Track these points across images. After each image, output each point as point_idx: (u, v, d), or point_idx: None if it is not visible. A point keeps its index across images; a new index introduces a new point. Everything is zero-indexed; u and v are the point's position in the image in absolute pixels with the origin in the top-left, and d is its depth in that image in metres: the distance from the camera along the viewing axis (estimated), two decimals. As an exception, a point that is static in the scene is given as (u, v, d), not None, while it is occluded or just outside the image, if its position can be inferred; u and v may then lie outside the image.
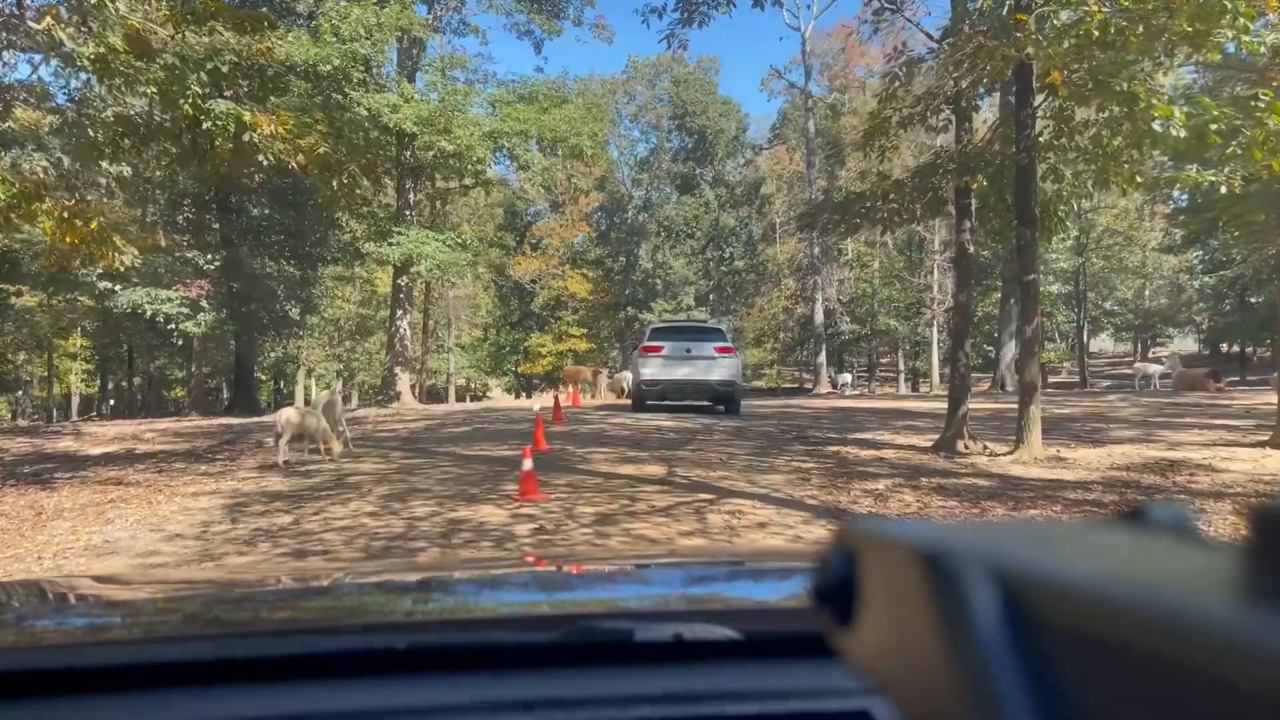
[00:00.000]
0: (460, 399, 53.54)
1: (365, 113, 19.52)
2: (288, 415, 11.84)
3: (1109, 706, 0.31)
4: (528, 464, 7.91)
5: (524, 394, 55.18)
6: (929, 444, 11.72)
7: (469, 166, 23.66)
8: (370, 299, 44.92)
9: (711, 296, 52.37)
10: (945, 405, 20.59)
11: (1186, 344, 62.67)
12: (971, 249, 10.91)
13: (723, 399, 17.06)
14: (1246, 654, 0.25)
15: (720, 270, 52.12)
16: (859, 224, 10.95)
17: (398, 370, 23.29)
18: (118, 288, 22.44)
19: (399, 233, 21.29)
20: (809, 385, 50.92)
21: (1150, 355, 55.81)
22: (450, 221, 29.91)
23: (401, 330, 23.52)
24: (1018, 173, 9.79)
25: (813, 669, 0.99)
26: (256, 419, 20.81)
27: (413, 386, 41.02)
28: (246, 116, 9.09)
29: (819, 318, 37.53)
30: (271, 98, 10.53)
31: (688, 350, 16.69)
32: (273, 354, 49.48)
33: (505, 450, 11.31)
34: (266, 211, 30.68)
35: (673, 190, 54.31)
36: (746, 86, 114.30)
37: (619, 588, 1.76)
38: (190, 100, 8.86)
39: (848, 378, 37.01)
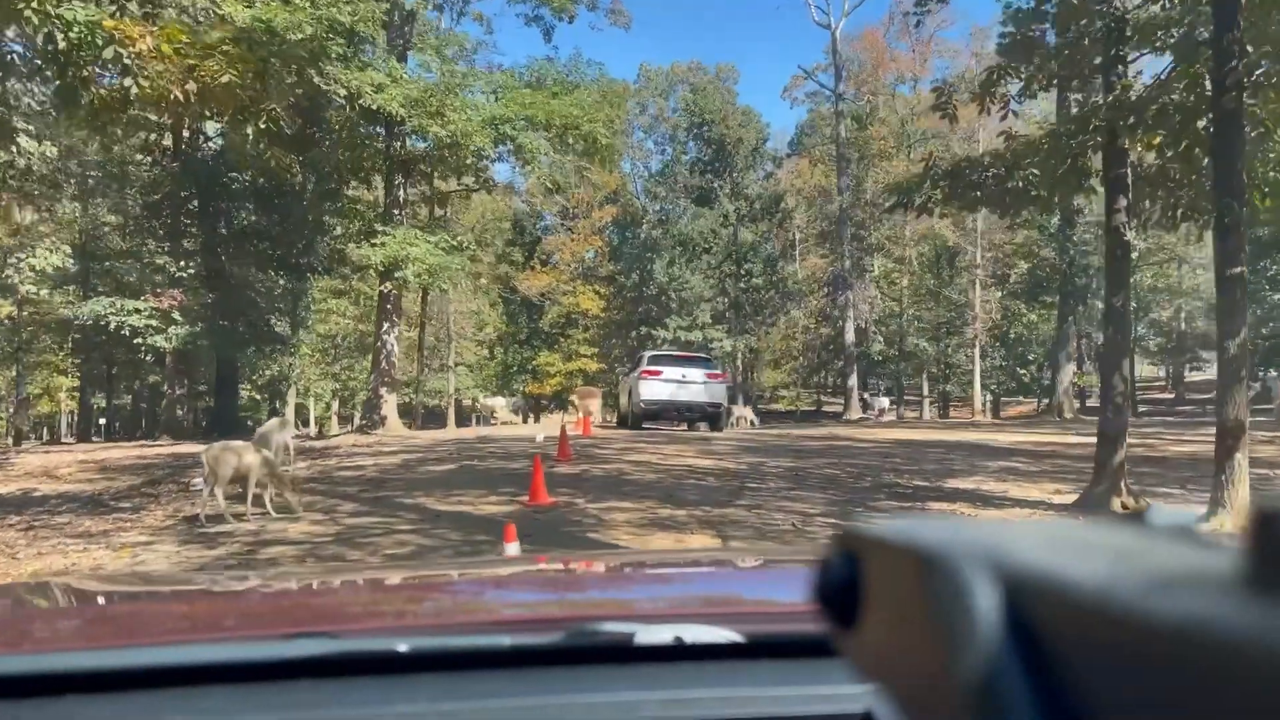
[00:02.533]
0: (465, 421, 50.74)
1: (344, 93, 16.74)
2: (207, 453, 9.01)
3: (1111, 708, 0.31)
4: (513, 549, 4.99)
5: (532, 416, 52.40)
6: (1063, 499, 8.80)
7: (468, 160, 20.85)
8: (368, 314, 42.07)
9: (729, 315, 49.40)
10: (1023, 438, 17.58)
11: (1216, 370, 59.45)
12: (1128, 235, 7.98)
13: (711, 418, 19.39)
14: (1248, 654, 0.25)
15: (739, 287, 49.12)
16: (978, 197, 8.05)
17: (383, 391, 20.37)
18: (44, 292, 19.66)
19: (384, 233, 18.43)
20: (833, 409, 48.01)
21: (1184, 379, 52.64)
22: (451, 229, 27.09)
23: (388, 346, 20.62)
24: (1217, 124, 6.88)
25: (815, 671, 0.96)
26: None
27: (411, 409, 38.13)
28: (109, 24, 6.25)
29: (849, 337, 34.50)
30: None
31: (683, 375, 19.01)
32: (267, 372, 47.06)
33: (492, 503, 8.41)
34: (253, 218, 28.09)
35: (688, 203, 51.57)
36: (765, 100, 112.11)
37: (620, 590, 1.71)
38: (34, 3, 6.09)
39: (885, 402, 33.88)
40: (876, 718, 0.77)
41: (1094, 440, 15.41)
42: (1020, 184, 7.78)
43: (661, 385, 18.75)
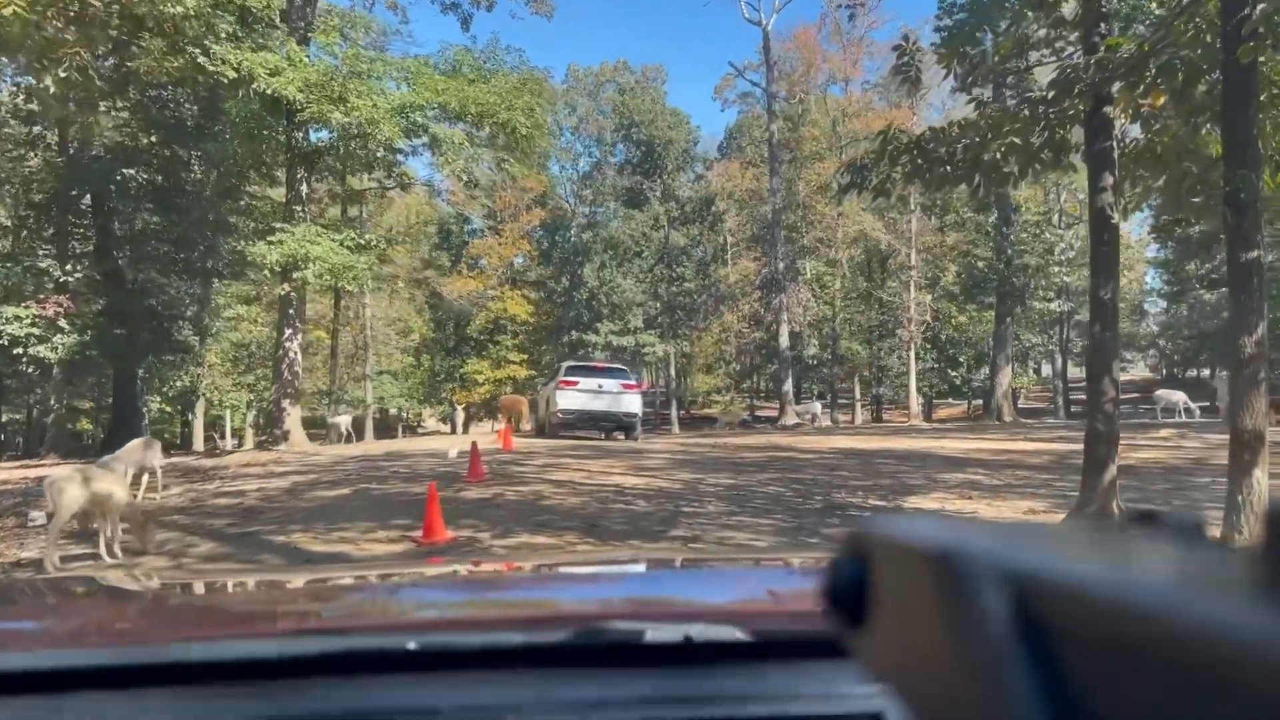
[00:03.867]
0: (388, 432, 48.71)
1: (233, 74, 15.09)
2: (50, 482, 7.50)
3: (1119, 707, 0.31)
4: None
5: (459, 426, 50.66)
6: (1044, 520, 7.73)
7: (378, 153, 19.33)
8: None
9: (661, 319, 48.27)
10: (973, 445, 16.61)
11: (1139, 370, 60.36)
12: (1116, 218, 6.93)
13: (626, 427, 20.01)
14: (1260, 657, 0.25)
15: (671, 291, 48.03)
16: (946, 174, 6.93)
17: (286, 404, 18.66)
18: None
19: (281, 229, 16.78)
20: (766, 413, 47.15)
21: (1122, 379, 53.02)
22: (366, 228, 25.43)
23: (291, 354, 18.91)
24: (1228, 83, 5.88)
25: (825, 671, 0.96)
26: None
27: (326, 421, 36.05)
28: None
29: (784, 340, 33.59)
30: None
31: (599, 386, 19.52)
32: (178, 383, 45.00)
33: (379, 541, 7.02)
34: (154, 219, 26.10)
35: (618, 206, 50.39)
36: (694, 105, 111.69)
37: (629, 589, 1.68)
38: None
39: (817, 407, 33.03)
40: (887, 717, 0.80)
41: (1051, 447, 14.54)
42: (997, 155, 6.69)
43: (578, 395, 19.30)
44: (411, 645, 0.97)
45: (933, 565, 0.39)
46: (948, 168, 6.88)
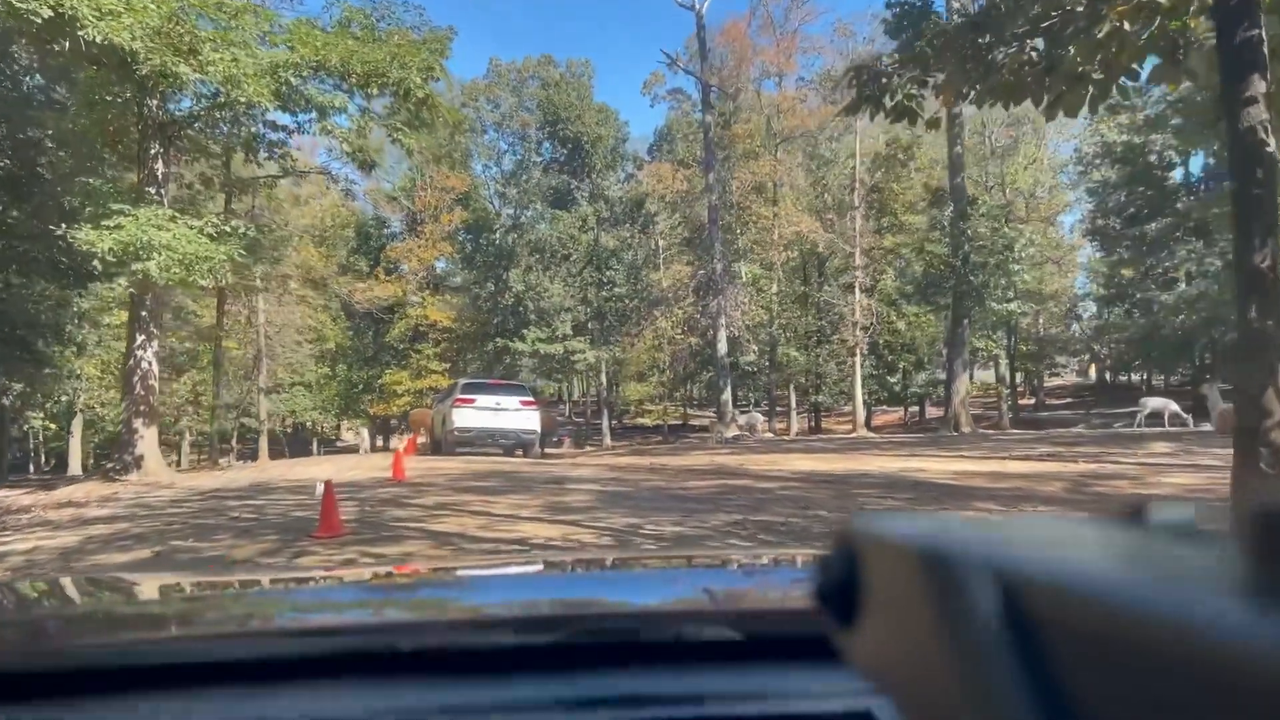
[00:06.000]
0: (303, 448, 45.33)
1: (47, 14, 12.07)
2: None
3: (1110, 707, 0.31)
4: None
5: (378, 439, 47.53)
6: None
7: (254, 129, 16.39)
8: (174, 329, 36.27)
9: (591, 325, 45.71)
10: (955, 466, 14.16)
11: (1068, 375, 59.71)
12: (1272, 144, 4.55)
13: (524, 445, 19.84)
14: (1249, 654, 0.25)
15: (601, 296, 45.50)
16: (1011, 79, 4.41)
17: (138, 424, 15.55)
18: None
19: (120, 212, 13.73)
20: (700, 421, 44.90)
21: (1038, 383, 51.96)
22: (259, 222, 22.32)
23: (143, 366, 15.78)
24: None
25: (816, 670, 0.95)
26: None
27: (209, 440, 32.52)
28: None
29: (722, 347, 31.16)
30: None
31: (497, 403, 19.35)
32: (63, 398, 41.54)
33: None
34: (13, 211, 22.69)
35: (545, 206, 47.75)
36: (620, 104, 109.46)
37: (623, 588, 1.57)
38: None
39: (759, 418, 30.68)
40: (876, 716, 0.80)
41: (1048, 468, 12.18)
42: (1083, 56, 4.22)
43: (475, 413, 18.99)
44: (404, 646, 0.96)
45: (922, 563, 0.39)
46: (1009, 71, 4.38)
